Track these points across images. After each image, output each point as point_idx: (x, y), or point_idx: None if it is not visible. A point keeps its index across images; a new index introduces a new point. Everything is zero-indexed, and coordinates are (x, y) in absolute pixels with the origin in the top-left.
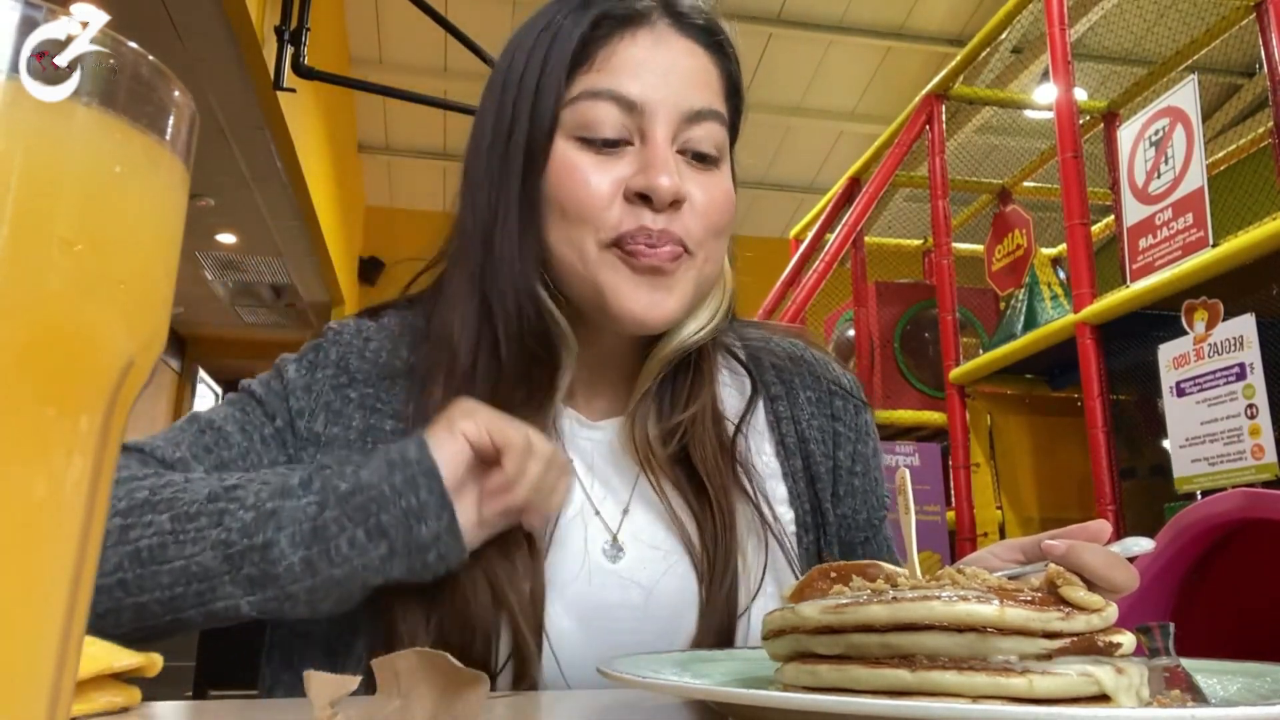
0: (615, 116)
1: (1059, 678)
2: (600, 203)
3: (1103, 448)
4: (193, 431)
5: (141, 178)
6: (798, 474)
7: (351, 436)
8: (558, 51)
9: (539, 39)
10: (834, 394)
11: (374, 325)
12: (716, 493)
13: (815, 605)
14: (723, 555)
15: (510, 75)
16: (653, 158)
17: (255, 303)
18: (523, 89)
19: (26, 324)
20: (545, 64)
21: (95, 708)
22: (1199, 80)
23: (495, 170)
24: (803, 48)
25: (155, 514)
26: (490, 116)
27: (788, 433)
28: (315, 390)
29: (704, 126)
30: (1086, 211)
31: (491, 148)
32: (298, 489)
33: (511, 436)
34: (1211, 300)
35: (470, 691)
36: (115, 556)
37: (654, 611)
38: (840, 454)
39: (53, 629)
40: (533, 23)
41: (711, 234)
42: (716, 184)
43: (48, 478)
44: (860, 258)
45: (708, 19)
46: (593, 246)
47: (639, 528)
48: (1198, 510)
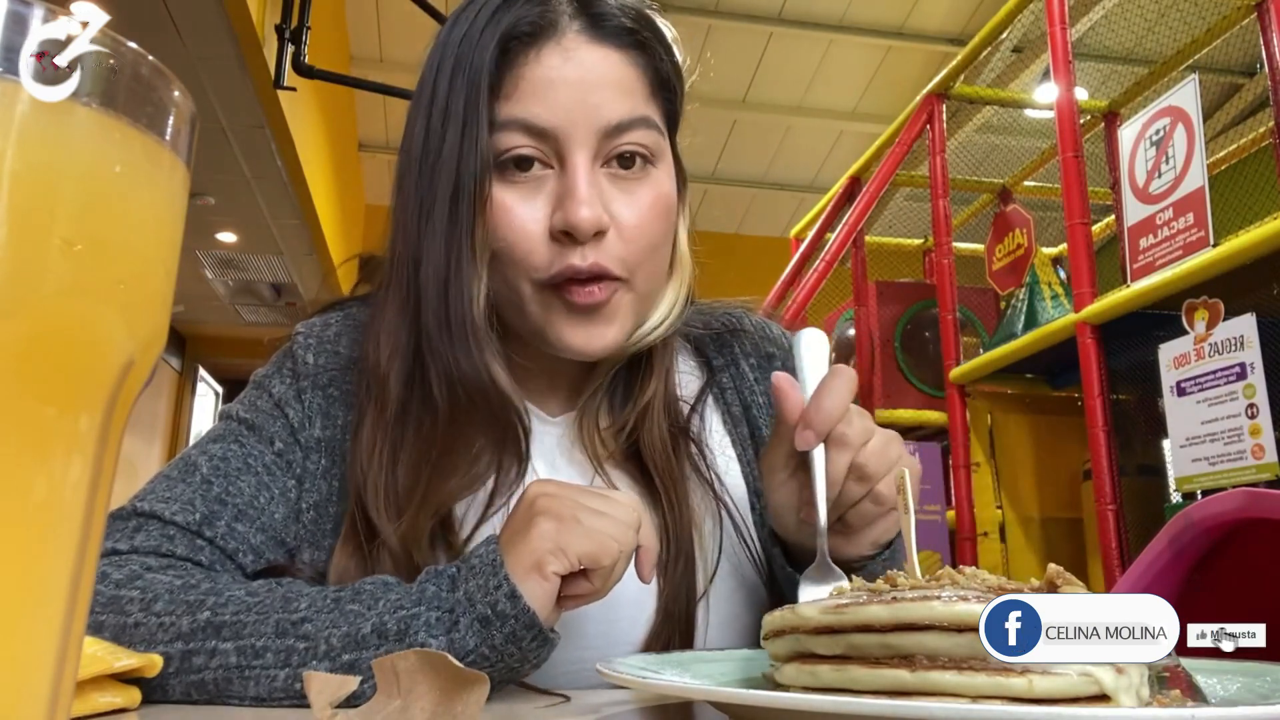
0: (528, 146)
1: (1059, 678)
2: (529, 244)
3: (1103, 447)
4: (197, 485)
5: (141, 178)
6: (745, 442)
7: (338, 435)
8: (473, 79)
9: (457, 62)
10: (772, 356)
11: (339, 317)
12: (664, 482)
13: (815, 605)
14: (674, 543)
15: (433, 101)
16: (571, 188)
17: (255, 302)
18: (447, 119)
19: (26, 324)
20: (466, 95)
21: (95, 708)
22: (1200, 80)
23: (424, 203)
24: (803, 48)
25: (220, 641)
26: (416, 144)
27: (732, 402)
28: (305, 398)
29: (629, 135)
30: (1087, 211)
31: (420, 178)
32: (372, 639)
33: (604, 561)
34: (1212, 300)
35: (470, 691)
36: (181, 685)
37: (616, 604)
38: None
39: (53, 629)
40: (448, 38)
41: (646, 253)
42: (648, 192)
43: (48, 478)
44: (861, 257)
45: (631, 15)
46: (528, 287)
47: None
48: (1198, 510)
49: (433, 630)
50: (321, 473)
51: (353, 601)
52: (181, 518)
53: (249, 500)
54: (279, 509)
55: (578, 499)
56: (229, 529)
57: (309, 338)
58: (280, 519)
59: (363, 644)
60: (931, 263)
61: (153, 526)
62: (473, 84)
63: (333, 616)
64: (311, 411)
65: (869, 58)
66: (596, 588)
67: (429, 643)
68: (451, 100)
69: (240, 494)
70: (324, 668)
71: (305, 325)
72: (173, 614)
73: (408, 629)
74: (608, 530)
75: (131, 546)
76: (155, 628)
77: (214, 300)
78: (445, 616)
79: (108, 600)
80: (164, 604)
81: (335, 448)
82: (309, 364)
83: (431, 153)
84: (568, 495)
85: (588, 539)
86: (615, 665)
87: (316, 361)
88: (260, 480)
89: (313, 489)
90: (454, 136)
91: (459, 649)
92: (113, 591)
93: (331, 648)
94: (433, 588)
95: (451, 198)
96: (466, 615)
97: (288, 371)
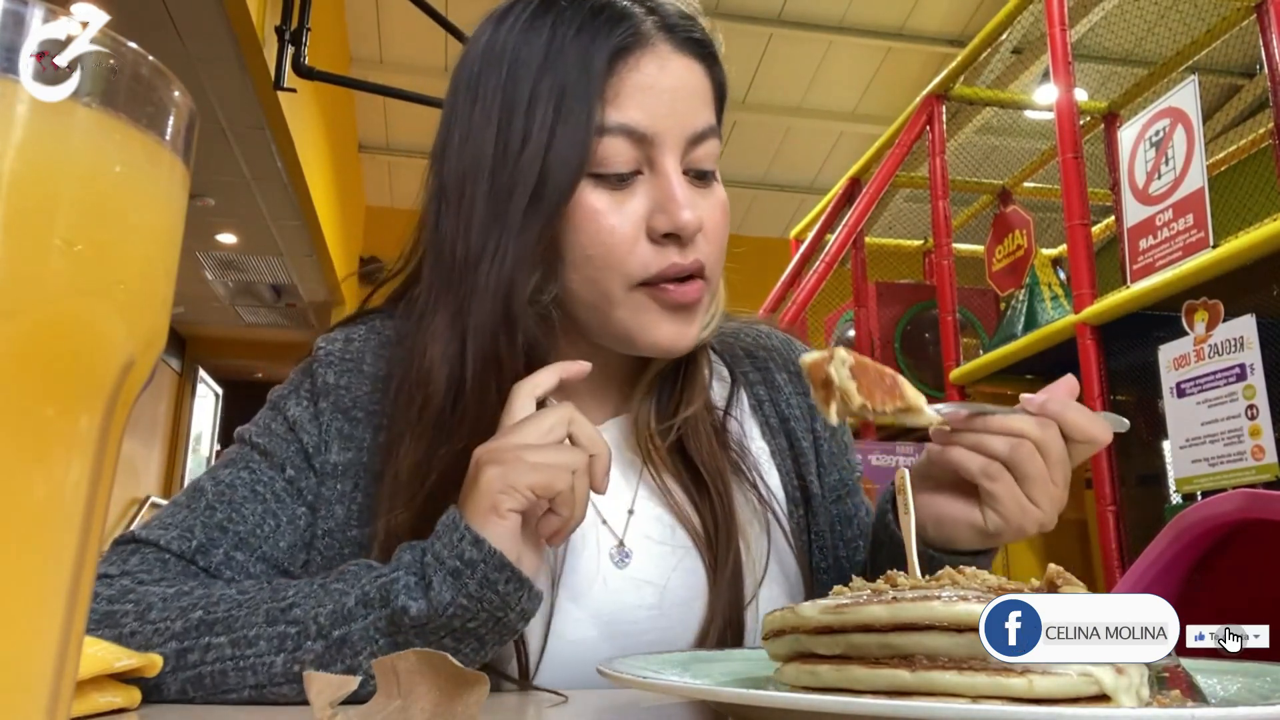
0: (626, 151)
1: (1059, 678)
2: (627, 247)
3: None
4: (200, 511)
5: (141, 178)
6: (784, 453)
7: (365, 458)
8: (574, 86)
9: (547, 64)
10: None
11: (362, 332)
12: (713, 479)
13: (815, 605)
14: (725, 541)
15: (503, 104)
16: (670, 192)
17: (255, 302)
18: (531, 122)
19: (27, 324)
20: (559, 99)
21: (95, 708)
22: (1199, 81)
23: (492, 205)
24: (803, 48)
25: (213, 636)
26: (478, 147)
27: (770, 414)
28: (323, 420)
29: (705, 145)
30: (1087, 212)
31: (488, 181)
32: (358, 610)
33: (558, 487)
34: (1212, 301)
35: (470, 692)
36: (177, 683)
37: (668, 608)
38: (817, 425)
39: (53, 629)
40: (526, 41)
41: (719, 255)
42: (716, 198)
43: (48, 478)
44: (860, 258)
45: (700, 29)
46: (619, 289)
47: (647, 527)
48: (1198, 511)
49: (411, 593)
50: (338, 497)
51: (337, 581)
52: (177, 545)
53: (251, 529)
54: (284, 538)
55: (514, 440)
56: (226, 557)
57: (330, 354)
58: (285, 548)
59: (349, 616)
60: (931, 264)
61: (148, 552)
62: (569, 89)
63: (319, 597)
64: (329, 435)
65: (869, 59)
66: (566, 516)
67: (409, 605)
68: (540, 104)
69: (244, 521)
70: (318, 647)
71: (326, 340)
72: (166, 618)
73: (388, 594)
74: (552, 459)
75: (122, 570)
76: (151, 634)
77: (214, 301)
78: (420, 579)
79: (101, 616)
80: (158, 612)
81: (358, 470)
82: (329, 384)
83: (513, 155)
84: (504, 440)
85: (534, 472)
86: (615, 665)
87: (338, 381)
88: (267, 508)
89: (329, 515)
90: (542, 139)
91: (437, 605)
92: (106, 608)
93: (321, 626)
94: (408, 555)
95: (532, 200)
96: (439, 572)
97: (305, 392)
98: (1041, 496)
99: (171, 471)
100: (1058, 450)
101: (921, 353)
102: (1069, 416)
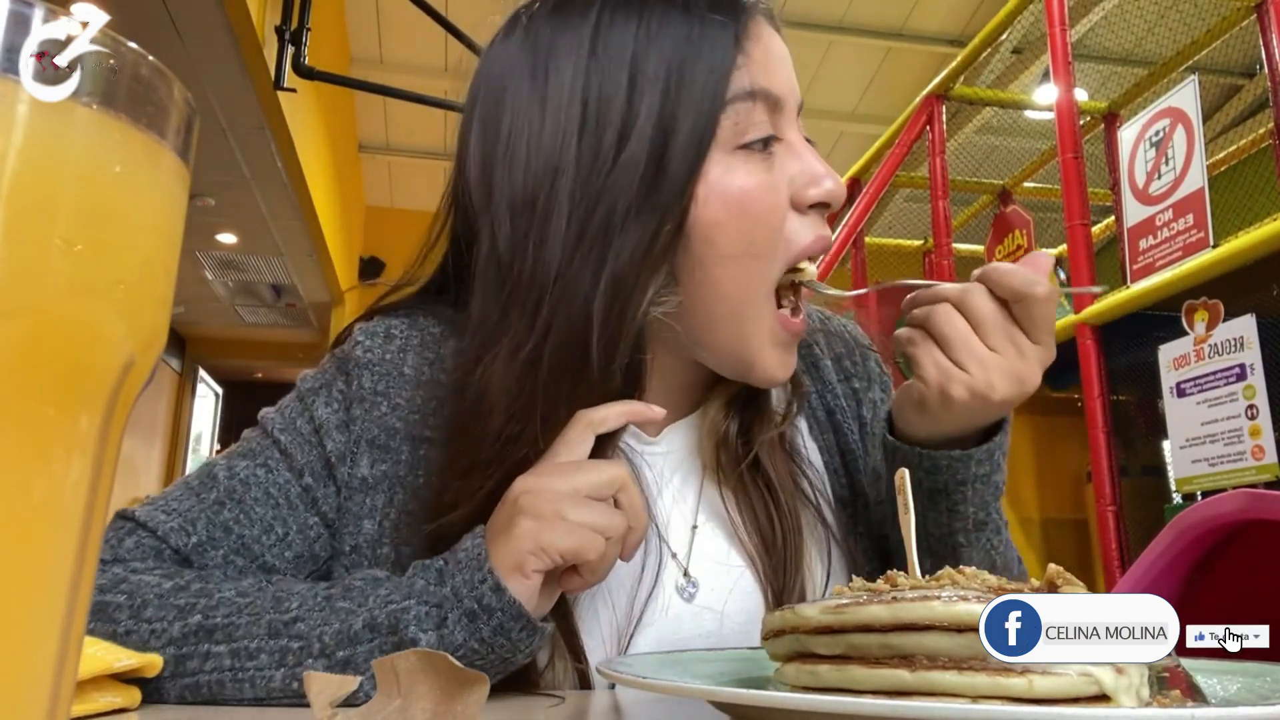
0: (764, 117)
1: (1059, 678)
2: (779, 219)
3: (1103, 448)
4: (210, 505)
5: (141, 178)
6: (831, 449)
7: (402, 472)
8: (703, 57)
9: (652, 44)
10: (842, 355)
11: (404, 328)
12: (789, 499)
13: (815, 605)
14: (794, 564)
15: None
16: (811, 160)
17: (255, 302)
18: (644, 107)
19: (27, 324)
20: (681, 75)
21: (95, 708)
22: (1199, 81)
23: (593, 212)
24: (803, 48)
25: (212, 644)
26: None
27: (817, 407)
28: (354, 430)
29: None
30: (1087, 212)
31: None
32: (364, 634)
33: (589, 556)
34: (1212, 301)
35: (470, 691)
36: (176, 689)
37: (726, 635)
38: (864, 410)
39: (53, 629)
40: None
41: None
42: None
43: (48, 478)
44: (860, 258)
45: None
46: (766, 285)
47: (707, 547)
48: (1199, 511)
49: (423, 625)
50: (368, 512)
51: (343, 599)
52: (175, 538)
53: (257, 535)
54: (290, 548)
55: (560, 485)
56: (224, 561)
57: (369, 352)
58: (291, 557)
59: (355, 639)
60: (931, 264)
61: (144, 536)
62: (690, 63)
63: (324, 614)
64: (359, 447)
65: (869, 58)
66: (588, 580)
67: (419, 637)
68: (643, 88)
69: (251, 525)
70: (320, 666)
71: (365, 333)
72: (163, 619)
73: (398, 623)
74: (591, 521)
75: (115, 556)
76: (147, 634)
77: (214, 301)
78: (434, 611)
79: (95, 608)
80: (153, 610)
81: (393, 484)
82: (365, 389)
83: (610, 150)
84: (549, 488)
85: (569, 536)
86: (615, 665)
87: (375, 387)
88: (278, 514)
89: (356, 531)
90: (649, 125)
91: (449, 644)
92: (98, 598)
93: (325, 645)
94: (421, 581)
95: (648, 195)
96: (454, 610)
97: (338, 394)
98: (967, 359)
99: (171, 471)
100: (982, 310)
101: None
102: (989, 275)
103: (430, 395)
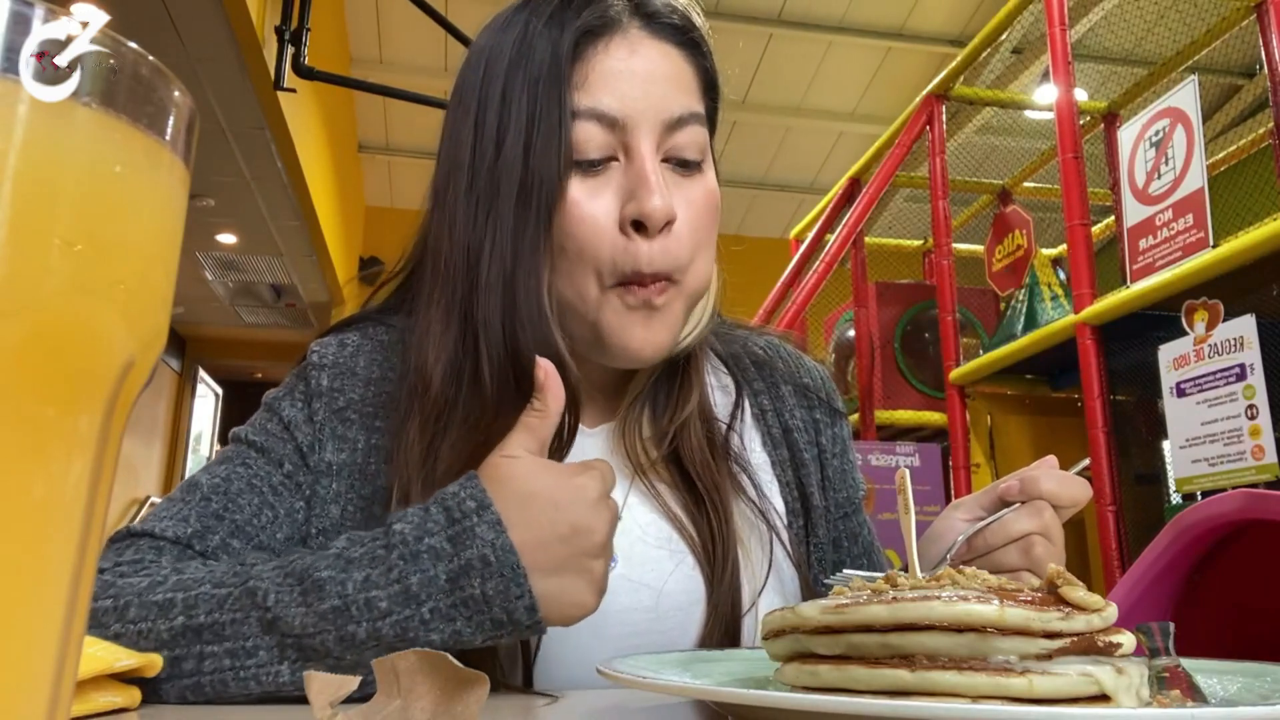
0: (599, 136)
1: (1059, 678)
2: (600, 237)
3: (1103, 448)
4: (196, 502)
5: (141, 178)
6: (785, 464)
7: (359, 459)
8: (541, 74)
9: (515, 61)
10: (807, 388)
11: (357, 338)
12: (708, 489)
13: (815, 605)
14: (722, 550)
15: (485, 103)
16: (643, 178)
17: (255, 303)
18: (507, 116)
19: (27, 324)
20: (534, 89)
21: (95, 708)
22: (1199, 81)
23: (483, 202)
24: (803, 48)
25: (204, 644)
26: (467, 147)
27: (773, 424)
28: (317, 420)
29: (686, 132)
30: (1087, 212)
31: (478, 178)
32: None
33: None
34: (1212, 301)
35: (470, 691)
36: (175, 690)
37: (665, 612)
38: (822, 439)
39: (53, 629)
40: (497, 41)
41: (698, 250)
42: (700, 189)
43: (48, 478)
44: (860, 258)
45: (680, 16)
46: (594, 287)
47: (643, 530)
48: (1198, 511)
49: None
50: (333, 497)
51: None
52: (172, 532)
53: (248, 519)
54: (281, 530)
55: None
56: (223, 543)
57: (323, 358)
58: (282, 540)
59: (362, 647)
60: (931, 264)
61: (143, 542)
62: (541, 78)
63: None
64: (323, 435)
65: (869, 59)
66: None
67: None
68: (513, 97)
69: (240, 511)
70: (329, 662)
71: (319, 345)
72: (147, 619)
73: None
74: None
75: (113, 564)
76: (135, 635)
77: (214, 301)
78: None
79: None
80: (135, 610)
81: (352, 472)
82: (323, 386)
83: (490, 152)
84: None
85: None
86: (615, 665)
87: (331, 384)
88: (264, 500)
89: (323, 514)
90: (519, 132)
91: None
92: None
93: (329, 649)
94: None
95: (519, 193)
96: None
97: (300, 394)
98: None
99: (171, 471)
100: (1058, 528)
101: (921, 353)
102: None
103: (380, 391)
